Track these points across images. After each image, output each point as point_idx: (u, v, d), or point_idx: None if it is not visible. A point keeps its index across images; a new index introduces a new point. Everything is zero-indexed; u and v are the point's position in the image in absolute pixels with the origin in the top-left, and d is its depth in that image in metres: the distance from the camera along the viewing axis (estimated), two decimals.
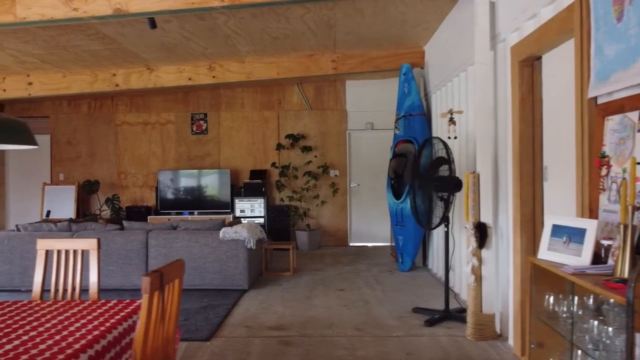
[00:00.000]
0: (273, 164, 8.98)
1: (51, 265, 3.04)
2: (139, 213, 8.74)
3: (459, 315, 4.38)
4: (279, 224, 8.65)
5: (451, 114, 4.23)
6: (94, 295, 2.88)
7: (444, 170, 4.28)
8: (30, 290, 5.65)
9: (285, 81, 8.42)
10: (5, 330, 1.92)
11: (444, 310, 4.43)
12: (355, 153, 9.21)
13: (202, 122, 9.22)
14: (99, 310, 2.29)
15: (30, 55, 6.12)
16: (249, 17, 5.16)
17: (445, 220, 4.38)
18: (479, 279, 3.89)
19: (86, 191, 8.96)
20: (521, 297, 3.45)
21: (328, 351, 3.68)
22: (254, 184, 8.73)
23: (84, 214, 8.88)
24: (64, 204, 8.88)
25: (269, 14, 5.10)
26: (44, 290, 3.00)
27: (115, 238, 5.63)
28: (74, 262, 3.03)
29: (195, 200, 8.87)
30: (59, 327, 1.98)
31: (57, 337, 1.80)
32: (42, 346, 1.69)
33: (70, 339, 1.75)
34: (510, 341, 3.75)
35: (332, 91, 9.15)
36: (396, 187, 6.84)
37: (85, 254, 3.04)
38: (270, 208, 8.69)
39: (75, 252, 3.05)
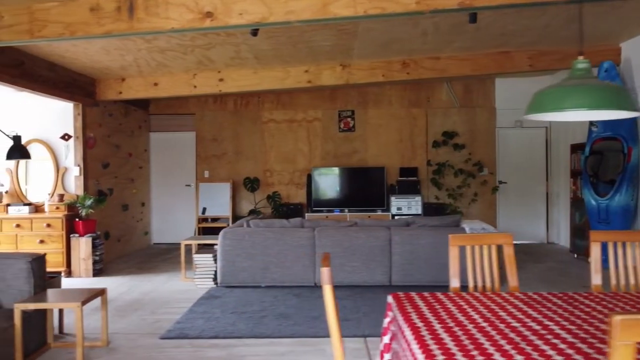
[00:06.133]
0: (428, 162, 8.97)
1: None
2: (295, 210, 8.72)
3: None
4: None
5: None
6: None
7: None
8: (271, 287, 5.64)
9: (436, 79, 8.37)
10: None
11: None
12: (502, 151, 9.19)
13: (349, 119, 9.20)
14: None
15: (251, 52, 6.10)
16: (513, 12, 5.14)
17: None
18: None
19: (248, 188, 8.95)
20: None
21: None
22: (408, 181, 8.71)
23: (250, 211, 8.85)
24: (216, 201, 8.85)
25: (539, 10, 5.07)
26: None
27: (357, 234, 5.61)
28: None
29: (347, 198, 8.84)
30: None
31: None
32: None
33: None
34: None
35: (481, 89, 9.14)
36: (596, 184, 6.83)
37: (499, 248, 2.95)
38: (426, 206, 8.67)
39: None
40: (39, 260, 3.68)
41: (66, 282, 5.77)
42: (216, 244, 6.45)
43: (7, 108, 6.66)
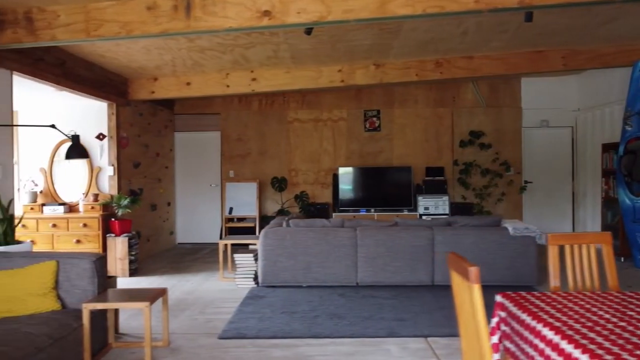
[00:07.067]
0: (455, 162, 8.96)
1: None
2: (322, 210, 8.70)
3: None
4: None
5: None
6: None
7: None
8: (312, 286, 5.62)
9: (462, 78, 8.35)
10: None
11: None
12: (528, 150, 9.17)
13: (375, 119, 9.19)
14: None
15: (289, 51, 6.07)
16: (557, 11, 5.12)
17: None
18: None
19: (275, 188, 8.94)
20: None
21: None
22: (435, 181, 8.70)
23: (278, 211, 8.84)
24: (241, 201, 8.83)
25: (583, 9, 5.06)
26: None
27: (399, 234, 5.60)
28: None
29: (374, 197, 8.82)
30: None
31: None
32: None
33: None
34: None
35: (507, 89, 9.12)
36: (630, 183, 6.81)
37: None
38: (453, 205, 8.65)
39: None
40: (101, 260, 3.67)
41: None
42: (251, 244, 6.45)
43: (43, 107, 6.65)
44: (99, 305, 3.39)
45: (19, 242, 4.07)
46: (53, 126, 4.27)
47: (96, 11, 4.12)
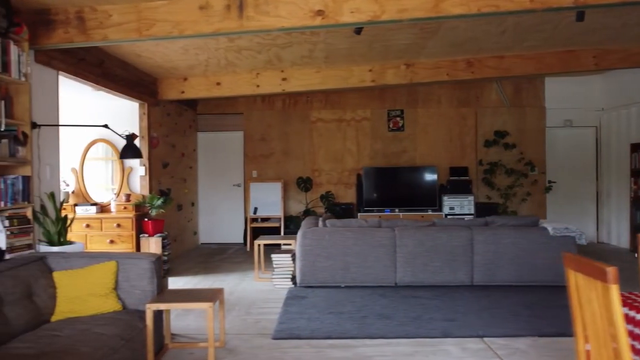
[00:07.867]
0: (480, 162, 8.95)
1: None
2: (346, 210, 8.69)
3: None
4: None
5: None
6: None
7: None
8: (351, 287, 5.60)
9: (489, 78, 8.33)
10: None
11: None
12: (551, 150, 9.16)
13: (398, 118, 9.17)
14: None
15: (325, 51, 6.06)
16: (602, 10, 5.10)
17: None
18: None
19: (301, 188, 8.94)
20: None
21: None
22: (460, 180, 8.68)
23: (304, 212, 8.82)
24: (265, 201, 8.81)
25: (628, 8, 5.04)
26: None
27: (438, 234, 5.58)
28: None
29: (398, 197, 8.80)
30: None
31: None
32: None
33: None
34: None
35: (530, 88, 9.11)
36: None
37: None
38: (478, 205, 8.63)
39: None
40: (159, 260, 3.66)
41: None
42: (286, 244, 6.44)
43: (77, 107, 6.63)
44: (162, 306, 3.38)
45: (71, 243, 4.06)
46: (106, 126, 4.26)
47: (148, 10, 4.11)
